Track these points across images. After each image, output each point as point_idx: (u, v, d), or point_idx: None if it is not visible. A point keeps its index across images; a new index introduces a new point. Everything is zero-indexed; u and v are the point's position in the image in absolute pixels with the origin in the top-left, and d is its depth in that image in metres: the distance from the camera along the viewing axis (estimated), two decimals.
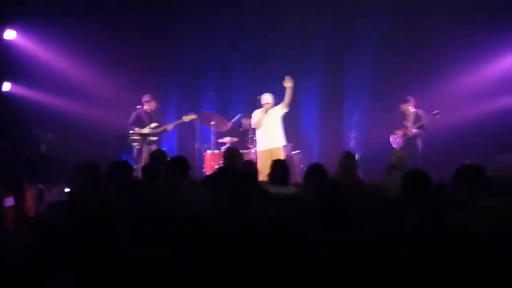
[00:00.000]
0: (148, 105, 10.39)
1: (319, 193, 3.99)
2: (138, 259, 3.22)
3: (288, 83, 9.38)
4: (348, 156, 6.64)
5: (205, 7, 11.83)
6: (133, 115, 10.37)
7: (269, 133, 9.68)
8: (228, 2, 11.94)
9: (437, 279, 3.14)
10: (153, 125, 10.33)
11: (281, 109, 9.64)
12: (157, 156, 6.76)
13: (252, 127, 9.97)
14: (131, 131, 10.30)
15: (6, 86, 10.67)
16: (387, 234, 3.70)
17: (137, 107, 10.36)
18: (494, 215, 3.98)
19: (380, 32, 11.29)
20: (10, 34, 10.61)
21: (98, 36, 11.08)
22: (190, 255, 3.34)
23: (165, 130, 10.51)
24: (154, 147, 10.09)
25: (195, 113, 10.80)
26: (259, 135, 9.82)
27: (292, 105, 9.88)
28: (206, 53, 12.22)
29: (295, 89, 10.83)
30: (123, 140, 10.40)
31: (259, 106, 9.83)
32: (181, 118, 10.55)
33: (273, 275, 3.21)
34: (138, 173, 7.98)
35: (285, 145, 9.81)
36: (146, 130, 10.30)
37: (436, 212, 4.10)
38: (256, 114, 9.76)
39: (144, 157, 9.94)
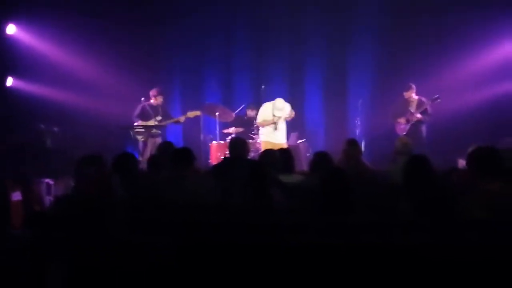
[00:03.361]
0: (155, 99, 10.42)
1: (323, 181, 4.00)
2: (143, 251, 3.24)
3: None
4: (352, 143, 6.62)
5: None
6: (138, 107, 10.39)
7: (273, 131, 9.88)
8: None
9: (433, 268, 3.14)
10: (158, 118, 10.35)
11: (289, 112, 9.78)
12: (164, 148, 6.76)
13: (257, 122, 10.01)
14: (135, 124, 10.31)
15: (9, 81, 10.69)
16: (386, 221, 3.69)
17: (142, 99, 10.36)
18: (499, 200, 3.95)
19: (382, 19, 11.25)
20: (11, 29, 10.62)
21: (99, 29, 11.06)
22: (197, 245, 3.35)
23: (178, 121, 10.54)
24: (159, 140, 10.15)
25: (198, 105, 10.83)
26: (266, 127, 9.94)
27: (297, 95, 9.92)
28: (207, 45, 12.20)
29: (298, 78, 10.89)
30: (126, 131, 10.43)
31: (263, 97, 9.88)
32: (185, 112, 10.56)
33: (281, 264, 3.21)
34: (143, 165, 8.00)
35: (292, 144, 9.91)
36: (150, 123, 10.31)
37: (437, 198, 4.08)
38: (265, 112, 9.82)
39: (149, 149, 10.00)
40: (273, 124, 9.83)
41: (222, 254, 3.29)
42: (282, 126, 9.89)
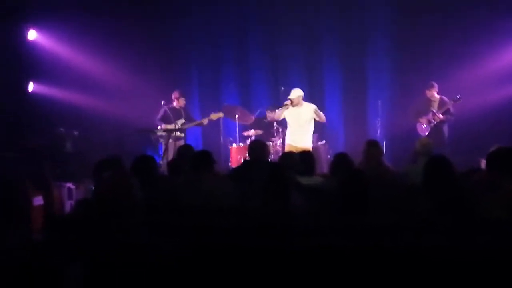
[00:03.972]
0: (177, 101, 10.42)
1: (343, 183, 3.96)
2: (162, 254, 3.22)
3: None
4: (373, 144, 6.58)
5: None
6: (161, 111, 10.37)
7: (298, 132, 9.43)
8: None
9: (452, 269, 3.09)
10: (180, 121, 10.34)
11: (317, 115, 9.44)
12: (184, 151, 6.75)
13: (275, 118, 9.86)
14: (158, 127, 10.32)
15: (31, 86, 10.79)
16: (406, 222, 3.64)
17: (162, 102, 10.35)
18: None
19: (400, 19, 11.17)
20: (31, 34, 10.73)
21: (117, 31, 11.07)
22: (216, 249, 3.33)
23: (200, 123, 10.54)
24: (181, 143, 10.10)
25: (217, 106, 10.85)
26: (289, 129, 9.61)
27: (316, 96, 9.83)
28: (224, 45, 12.18)
29: (318, 79, 10.81)
30: (145, 134, 10.45)
31: (282, 97, 9.78)
32: (206, 114, 10.55)
33: (299, 267, 3.18)
34: (164, 168, 8.00)
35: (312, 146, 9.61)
36: (172, 126, 10.29)
37: (457, 198, 4.02)
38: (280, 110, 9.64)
39: (171, 153, 9.97)
40: (286, 106, 9.37)
41: (240, 257, 3.27)
42: (310, 124, 9.45)
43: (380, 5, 11.43)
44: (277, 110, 9.65)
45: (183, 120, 10.39)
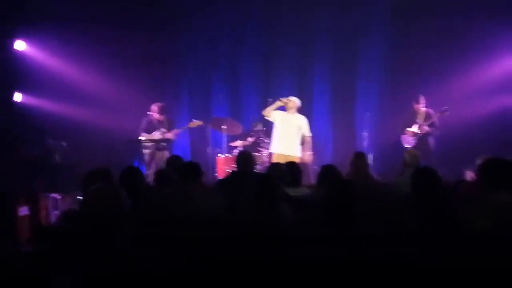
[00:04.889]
0: (155, 115, 10.43)
1: (330, 194, 3.99)
2: (149, 265, 3.23)
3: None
4: (360, 156, 6.65)
5: (211, 7, 11.87)
6: (143, 121, 10.42)
7: (287, 139, 9.50)
8: (233, 2, 11.99)
9: (439, 279, 3.11)
10: (163, 130, 10.36)
11: (304, 128, 9.60)
12: (172, 162, 6.75)
13: (264, 113, 9.82)
14: (140, 137, 10.33)
15: (18, 97, 10.75)
16: (393, 233, 3.67)
17: (148, 113, 10.38)
18: (506, 211, 3.93)
19: (390, 32, 11.29)
20: (19, 45, 10.71)
21: (106, 42, 11.10)
22: (204, 260, 3.33)
23: (180, 131, 10.65)
24: (166, 153, 10.14)
25: (206, 117, 10.88)
26: (277, 137, 9.62)
27: (304, 107, 9.89)
28: (213, 57, 12.23)
29: (306, 91, 10.86)
30: (134, 145, 10.45)
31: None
32: (188, 124, 10.65)
33: (288, 278, 3.19)
34: (149, 179, 8.00)
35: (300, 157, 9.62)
36: (156, 136, 10.33)
37: (444, 209, 4.06)
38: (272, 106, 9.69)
39: (156, 163, 10.02)
40: (280, 102, 9.49)
41: (228, 269, 3.28)
42: (297, 135, 9.53)
43: (368, 17, 11.52)
44: (268, 107, 9.68)
45: (165, 130, 10.39)
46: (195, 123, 10.51)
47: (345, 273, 3.15)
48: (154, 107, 10.45)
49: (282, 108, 9.62)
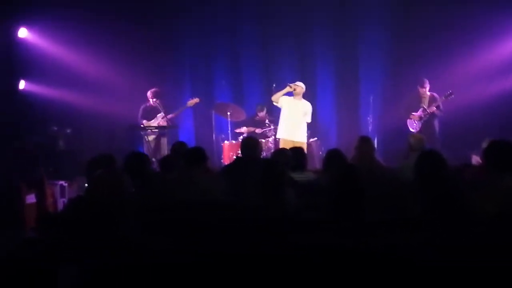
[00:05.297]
0: (151, 100, 10.46)
1: (336, 178, 3.97)
2: (155, 251, 3.23)
3: None
4: (365, 140, 6.62)
5: None
6: (140, 109, 10.48)
7: (294, 125, 9.56)
8: None
9: (444, 267, 3.10)
10: (161, 115, 10.39)
11: (308, 114, 9.64)
12: (177, 148, 6.76)
13: (272, 99, 9.86)
14: (140, 125, 10.38)
15: (22, 84, 10.76)
16: (398, 218, 3.65)
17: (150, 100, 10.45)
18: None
19: (392, 16, 11.19)
20: (22, 32, 10.70)
21: (109, 29, 11.03)
22: (208, 246, 3.33)
23: (179, 112, 10.80)
24: (165, 139, 10.26)
25: (209, 102, 10.91)
26: (284, 122, 9.67)
27: (308, 93, 9.88)
28: (214, 42, 12.19)
29: (310, 76, 10.83)
30: (135, 131, 10.49)
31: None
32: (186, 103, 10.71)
33: (293, 264, 3.19)
34: (154, 165, 8.02)
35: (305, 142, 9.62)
36: (154, 122, 10.37)
37: (449, 194, 4.03)
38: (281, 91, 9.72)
39: (157, 148, 10.18)
40: (289, 91, 9.60)
41: (233, 254, 3.27)
42: (303, 120, 9.60)
43: (372, 1, 11.43)
44: (276, 93, 9.72)
45: (163, 114, 10.40)
46: (193, 101, 10.57)
47: (352, 259, 3.14)
48: (149, 93, 10.47)
49: (289, 94, 9.61)
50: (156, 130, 10.30)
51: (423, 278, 3.04)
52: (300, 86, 9.57)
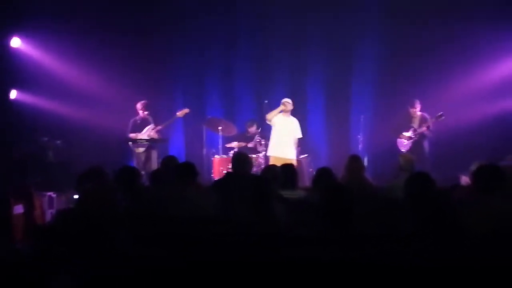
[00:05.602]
0: (142, 112, 10.50)
1: (325, 196, 3.99)
2: (144, 265, 3.23)
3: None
4: (355, 159, 6.65)
5: (205, 7, 11.84)
6: (130, 122, 10.51)
7: (286, 142, 9.71)
8: (228, 4, 11.98)
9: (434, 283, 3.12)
10: (151, 126, 10.40)
11: (299, 130, 9.77)
12: (167, 162, 6.76)
13: (266, 118, 9.91)
14: (130, 138, 10.40)
15: (13, 94, 10.73)
16: (388, 236, 3.68)
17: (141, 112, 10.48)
18: (500, 215, 3.96)
19: (385, 34, 11.25)
20: (15, 42, 10.69)
21: (102, 42, 11.08)
22: (198, 260, 3.34)
23: (169, 123, 10.76)
24: (155, 152, 10.26)
25: (201, 118, 10.92)
26: (275, 140, 9.79)
27: (299, 110, 9.93)
28: (207, 58, 12.23)
29: (301, 93, 10.89)
30: (126, 144, 10.48)
31: (265, 110, 9.89)
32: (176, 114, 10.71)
33: (282, 280, 3.20)
34: (144, 178, 8.00)
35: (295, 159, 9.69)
36: (145, 134, 10.36)
37: (439, 214, 4.07)
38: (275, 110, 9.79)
39: (147, 162, 10.21)
40: (282, 110, 9.69)
41: (223, 269, 3.28)
42: (294, 137, 9.75)
43: (363, 20, 11.50)
44: (271, 112, 9.80)
45: (153, 125, 10.41)
46: (182, 112, 10.59)
47: (339, 276, 3.16)
48: (138, 105, 10.51)
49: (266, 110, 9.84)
50: (147, 142, 10.29)
51: None
52: (290, 103, 9.66)
